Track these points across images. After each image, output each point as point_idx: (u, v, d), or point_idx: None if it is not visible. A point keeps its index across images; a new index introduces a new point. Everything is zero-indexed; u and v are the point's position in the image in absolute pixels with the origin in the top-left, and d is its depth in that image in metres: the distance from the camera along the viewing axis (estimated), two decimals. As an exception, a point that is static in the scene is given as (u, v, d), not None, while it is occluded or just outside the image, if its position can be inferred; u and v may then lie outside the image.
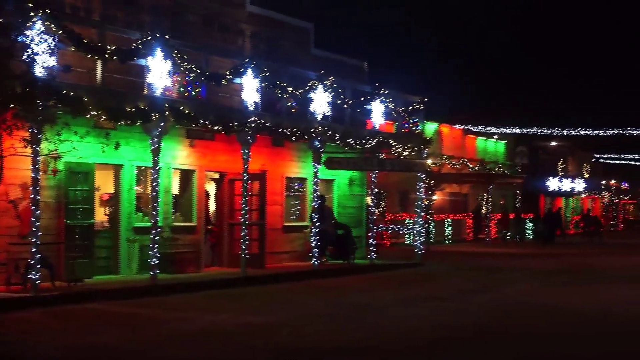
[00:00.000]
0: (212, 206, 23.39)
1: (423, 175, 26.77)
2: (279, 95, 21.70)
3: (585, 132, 51.02)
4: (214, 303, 16.41)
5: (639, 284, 21.09)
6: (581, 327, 13.70)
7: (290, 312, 15.25)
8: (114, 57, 17.23)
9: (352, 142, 23.72)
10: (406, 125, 26.34)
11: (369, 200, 26.76)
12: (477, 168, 42.67)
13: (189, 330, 12.88)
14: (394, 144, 25.43)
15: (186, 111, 18.54)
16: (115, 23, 19.87)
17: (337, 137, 23.00)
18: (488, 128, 46.44)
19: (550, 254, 32.69)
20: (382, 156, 25.18)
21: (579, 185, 58.54)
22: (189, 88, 18.98)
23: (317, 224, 22.75)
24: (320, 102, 22.55)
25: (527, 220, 45.75)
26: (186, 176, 21.61)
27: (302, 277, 21.20)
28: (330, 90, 22.85)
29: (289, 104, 21.95)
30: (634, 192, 75.61)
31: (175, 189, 21.45)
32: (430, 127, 39.18)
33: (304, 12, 28.03)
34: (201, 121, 19.15)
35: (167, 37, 18.06)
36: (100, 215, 20.09)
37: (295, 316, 14.68)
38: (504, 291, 19.25)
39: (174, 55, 18.20)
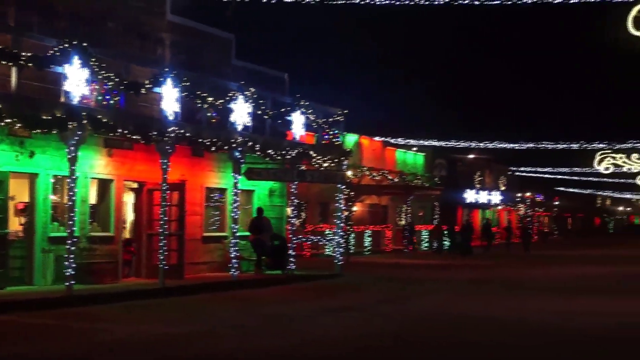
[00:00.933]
0: (130, 216, 23.16)
1: (343, 187, 26.98)
2: (199, 105, 21.63)
3: (502, 145, 52.17)
4: (132, 314, 16.23)
5: (553, 294, 21.57)
6: (499, 337, 13.93)
7: (209, 323, 15.18)
8: (30, 64, 16.95)
9: (272, 153, 23.77)
10: (326, 136, 26.54)
11: (289, 211, 26.85)
12: (396, 180, 43.17)
13: (106, 341, 12.71)
14: (314, 155, 25.58)
15: (104, 120, 18.31)
16: (31, 29, 19.51)
17: (257, 148, 23.02)
18: (407, 140, 47.11)
19: (467, 265, 33.28)
20: (303, 167, 25.31)
21: (496, 197, 59.78)
22: (107, 97, 18.74)
23: (254, 234, 23.48)
24: (241, 112, 22.55)
25: (445, 232, 46.44)
26: (104, 186, 21.35)
27: (221, 287, 21.12)
28: (250, 101, 22.88)
29: (209, 114, 21.90)
30: (549, 205, 77.57)
31: (92, 199, 21.15)
32: (350, 139, 39.52)
33: (226, 23, 27.93)
34: (119, 130, 18.93)
35: (85, 44, 17.83)
36: (15, 224, 19.68)
37: (214, 327, 14.62)
38: (422, 302, 19.51)
39: (91, 63, 17.97)
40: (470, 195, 55.86)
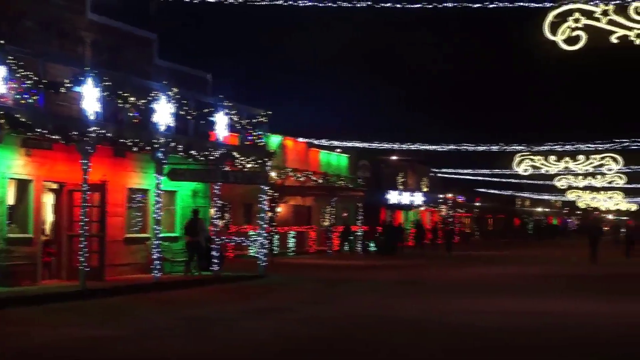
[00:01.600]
0: (50, 217, 22.74)
1: (266, 188, 27.00)
2: (121, 105, 21.37)
3: (424, 147, 52.78)
4: (53, 317, 15.95)
5: (475, 295, 21.95)
6: (423, 337, 14.11)
7: (133, 325, 15.02)
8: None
9: (195, 153, 23.64)
10: (250, 137, 26.51)
11: (212, 212, 26.72)
12: (320, 181, 43.33)
13: (28, 346, 12.46)
14: (238, 156, 25.53)
15: (22, 119, 17.96)
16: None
17: (180, 149, 22.87)
18: (331, 142, 47.29)
19: (390, 266, 33.60)
20: (226, 168, 25.22)
21: (418, 198, 60.49)
22: (26, 95, 18.38)
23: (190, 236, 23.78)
24: (164, 113, 22.37)
25: (369, 233, 46.80)
26: (22, 186, 20.91)
27: (143, 289, 20.93)
28: (173, 101, 22.71)
29: (131, 114, 21.65)
30: (470, 206, 78.81)
31: (10, 200, 20.70)
32: (274, 140, 39.51)
33: (149, 22, 27.62)
34: (38, 130, 18.60)
35: (1, 42, 17.46)
36: None
37: (138, 329, 14.47)
38: (347, 302, 19.60)
39: (9, 61, 17.61)
40: (393, 197, 56.41)
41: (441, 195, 67.67)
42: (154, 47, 27.38)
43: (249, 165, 26.03)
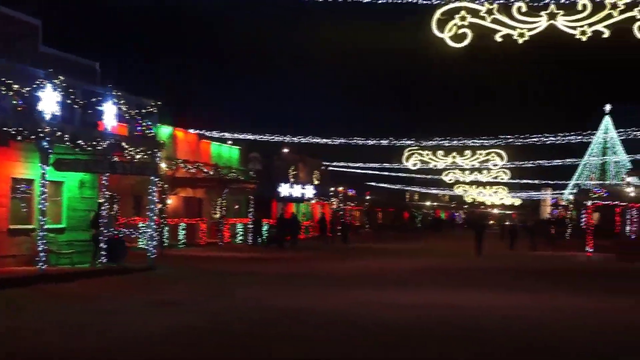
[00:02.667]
0: None
1: (156, 179, 26.69)
2: (4, 92, 20.76)
3: (315, 140, 53.21)
4: None
5: (365, 286, 22.30)
6: (318, 329, 14.24)
7: (23, 319, 14.65)
8: None
9: (82, 143, 23.18)
10: (139, 128, 26.16)
11: (100, 203, 26.25)
12: (211, 173, 43.11)
13: None
14: (127, 146, 25.17)
15: None
16: None
17: (66, 138, 22.37)
18: (222, 134, 47.10)
19: (282, 258, 33.69)
20: (115, 159, 24.83)
21: (309, 191, 60.88)
22: None
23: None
24: (49, 101, 21.84)
25: (261, 225, 46.85)
26: None
27: (29, 282, 20.36)
28: (59, 89, 22.20)
29: (14, 102, 21.05)
30: (360, 199, 79.80)
31: None
32: (164, 131, 39.09)
33: (34, 8, 26.88)
34: None
35: None
36: None
37: (28, 323, 14.11)
38: (237, 294, 19.54)
39: None
40: (284, 189, 56.60)
41: (332, 189, 68.29)
42: (39, 33, 26.64)
43: (138, 156, 25.68)
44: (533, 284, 23.85)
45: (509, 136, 55.74)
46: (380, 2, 20.19)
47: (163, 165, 32.39)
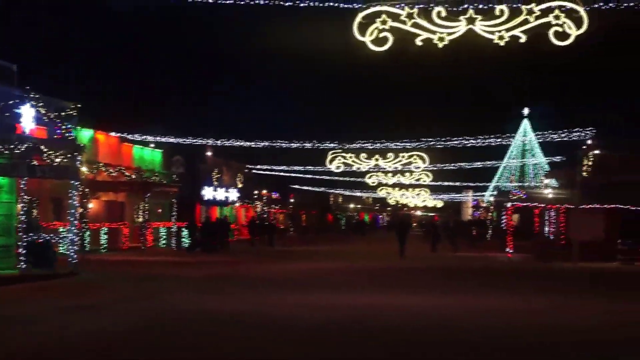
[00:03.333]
0: None
1: (77, 183, 26.27)
2: None
3: (239, 143, 53.08)
4: None
5: (291, 290, 22.34)
6: (242, 331, 14.27)
7: None
8: None
9: (-1, 147, 22.71)
10: (59, 131, 25.71)
11: (19, 208, 25.73)
12: (133, 176, 42.62)
13: None
14: (46, 150, 24.71)
15: None
16: None
17: (-17, 141, 21.89)
18: (144, 137, 46.63)
19: (207, 262, 33.42)
20: (34, 162, 24.37)
21: (233, 194, 60.71)
22: None
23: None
24: (-35, 103, 21.33)
25: (183, 229, 46.48)
26: None
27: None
28: (-25, 91, 21.71)
29: None
30: (284, 202, 79.89)
31: None
32: (85, 134, 38.52)
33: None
34: None
35: None
36: None
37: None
38: (162, 299, 19.28)
39: None
40: (208, 192, 56.32)
41: (256, 192, 68.22)
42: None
43: (58, 160, 25.22)
44: (451, 284, 24.31)
45: (430, 139, 56.57)
46: (302, 5, 20.27)
47: (84, 168, 31.85)
